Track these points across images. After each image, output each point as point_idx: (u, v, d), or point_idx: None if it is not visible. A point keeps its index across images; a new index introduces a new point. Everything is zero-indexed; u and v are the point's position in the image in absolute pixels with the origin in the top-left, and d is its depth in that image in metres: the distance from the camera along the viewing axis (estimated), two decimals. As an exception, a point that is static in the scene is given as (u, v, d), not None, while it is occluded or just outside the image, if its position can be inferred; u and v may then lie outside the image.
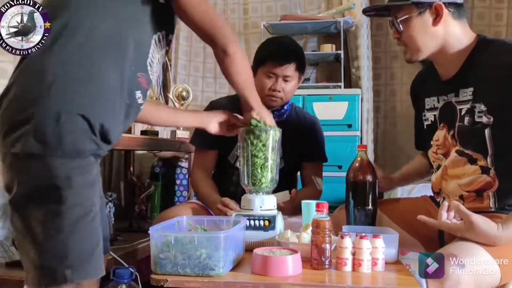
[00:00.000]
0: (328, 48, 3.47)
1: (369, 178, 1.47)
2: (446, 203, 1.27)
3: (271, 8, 3.80)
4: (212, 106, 1.98)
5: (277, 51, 1.88)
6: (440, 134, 1.47)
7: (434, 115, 1.51)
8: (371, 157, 3.36)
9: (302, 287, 1.12)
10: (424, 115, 1.56)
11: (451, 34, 1.40)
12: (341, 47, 3.39)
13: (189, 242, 1.15)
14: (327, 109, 3.16)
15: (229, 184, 1.93)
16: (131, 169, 3.20)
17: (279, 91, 1.87)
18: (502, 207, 1.36)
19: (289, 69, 1.86)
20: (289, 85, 1.89)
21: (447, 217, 1.26)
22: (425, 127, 1.57)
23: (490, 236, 1.20)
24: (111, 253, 1.83)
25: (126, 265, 1.70)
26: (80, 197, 1.08)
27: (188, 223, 1.38)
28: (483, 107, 1.34)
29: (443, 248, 1.26)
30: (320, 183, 1.99)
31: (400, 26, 1.41)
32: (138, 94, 1.23)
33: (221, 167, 1.99)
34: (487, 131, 1.34)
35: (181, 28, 3.82)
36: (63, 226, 1.06)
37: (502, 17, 3.30)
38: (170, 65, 3.78)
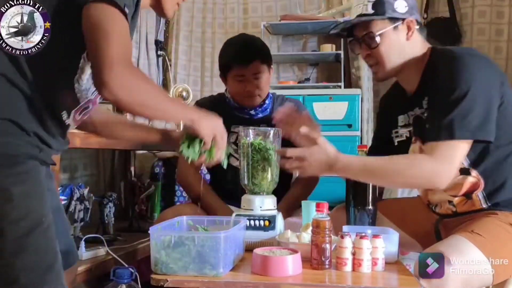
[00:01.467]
0: (328, 48, 3.47)
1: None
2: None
3: (271, 8, 3.80)
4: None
5: (237, 53, 1.86)
6: (415, 148, 1.46)
7: (409, 131, 1.50)
8: (371, 157, 3.36)
9: (302, 287, 1.12)
10: (397, 132, 1.56)
11: (416, 47, 1.44)
12: (341, 47, 3.39)
13: (189, 242, 1.15)
14: (327, 109, 3.16)
15: (227, 183, 1.92)
16: (131, 169, 3.21)
17: (254, 90, 1.86)
18: (496, 204, 1.35)
19: (255, 66, 1.84)
20: (261, 80, 1.86)
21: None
22: (396, 143, 1.56)
23: (331, 155, 1.34)
24: (111, 253, 1.83)
25: (126, 265, 1.70)
26: (23, 209, 0.99)
27: (188, 223, 1.38)
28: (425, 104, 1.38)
29: (433, 245, 1.26)
30: None
31: (377, 40, 1.41)
32: (64, 114, 1.14)
33: (217, 167, 1.98)
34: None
35: (181, 28, 3.83)
36: (5, 246, 0.95)
37: (503, 15, 3.30)
38: (170, 65, 3.79)
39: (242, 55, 1.84)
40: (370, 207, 1.47)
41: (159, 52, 3.74)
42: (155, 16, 3.75)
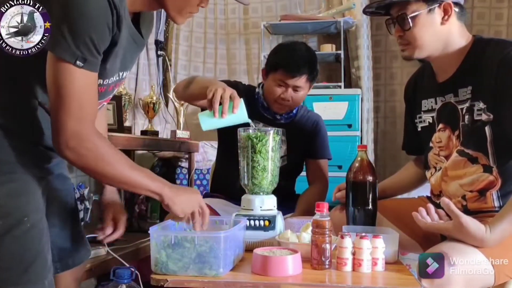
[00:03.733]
0: (328, 48, 3.47)
1: (369, 178, 1.47)
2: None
3: (271, 8, 3.81)
4: (230, 83, 1.93)
5: (289, 61, 1.84)
6: (443, 135, 1.46)
7: (432, 117, 1.50)
8: (371, 157, 3.36)
9: (302, 287, 1.12)
10: (420, 117, 1.55)
11: (453, 34, 1.40)
12: (341, 47, 3.39)
13: (189, 242, 1.15)
14: (327, 109, 3.15)
15: (235, 179, 1.89)
16: (131, 169, 3.21)
17: (288, 100, 1.87)
18: None
19: (300, 81, 1.84)
20: (299, 94, 1.88)
21: (437, 218, 1.28)
22: (419, 129, 1.56)
23: (478, 238, 1.20)
24: (111, 252, 1.82)
25: (127, 265, 1.70)
26: (4, 208, 1.00)
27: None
28: (482, 105, 1.34)
29: (436, 246, 1.26)
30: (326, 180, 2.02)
31: (410, 22, 1.38)
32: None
33: (226, 161, 1.99)
34: (487, 129, 1.34)
35: (181, 28, 3.83)
36: None
37: (502, 16, 3.30)
38: (170, 65, 3.79)
39: (294, 65, 1.83)
40: (370, 207, 1.47)
41: (159, 52, 3.75)
42: (155, 16, 3.75)
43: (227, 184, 1.95)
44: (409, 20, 1.38)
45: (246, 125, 1.47)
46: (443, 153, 1.47)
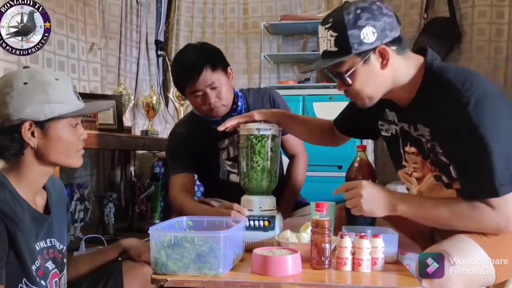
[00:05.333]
0: (328, 48, 3.47)
1: (368, 178, 1.47)
2: None
3: (271, 8, 3.81)
4: (173, 140, 1.92)
5: (182, 72, 1.74)
6: (417, 159, 1.40)
7: (396, 130, 1.44)
8: (371, 157, 3.36)
9: (301, 286, 1.12)
10: (382, 125, 1.50)
11: (398, 71, 1.30)
12: (341, 47, 3.38)
13: (189, 242, 1.15)
14: (327, 109, 3.15)
15: (227, 198, 1.83)
16: (131, 169, 3.21)
17: (216, 101, 1.74)
18: None
19: (206, 78, 1.70)
20: (220, 89, 1.74)
21: None
22: (382, 134, 1.52)
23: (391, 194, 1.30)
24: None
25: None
26: None
27: (188, 224, 1.38)
28: (438, 149, 1.30)
29: (437, 244, 1.26)
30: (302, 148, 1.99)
31: (348, 80, 1.28)
32: None
33: (214, 187, 1.96)
34: (451, 168, 1.29)
35: (181, 29, 3.83)
36: None
37: (503, 15, 3.29)
38: (170, 65, 3.79)
39: (188, 72, 1.71)
40: (370, 207, 1.47)
41: (159, 52, 3.75)
42: (155, 16, 3.75)
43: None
44: (347, 78, 1.28)
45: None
46: (416, 175, 1.43)
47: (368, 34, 1.24)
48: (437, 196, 1.37)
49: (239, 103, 1.84)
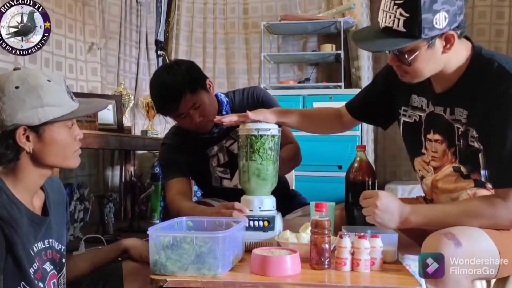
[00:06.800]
0: (328, 48, 3.47)
1: (368, 178, 1.47)
2: None
3: (271, 8, 3.81)
4: (165, 150, 1.90)
5: (163, 101, 1.73)
6: (439, 148, 1.40)
7: (420, 116, 1.44)
8: (371, 157, 3.36)
9: (301, 286, 1.12)
10: (406, 111, 1.48)
11: (454, 55, 1.29)
12: (341, 47, 3.39)
13: (188, 242, 1.15)
14: (327, 109, 3.15)
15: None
16: (131, 169, 3.21)
17: (201, 120, 1.74)
18: None
19: (188, 100, 1.69)
20: (204, 107, 1.73)
21: None
22: (401, 122, 1.50)
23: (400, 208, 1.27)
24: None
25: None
26: None
27: (188, 224, 1.38)
28: (474, 133, 1.29)
29: (446, 228, 1.23)
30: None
31: (409, 59, 1.25)
32: None
33: (211, 194, 1.95)
34: (480, 156, 1.29)
35: (181, 29, 3.83)
36: None
37: (503, 15, 3.29)
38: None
39: (168, 99, 1.69)
40: (370, 207, 1.47)
41: (159, 52, 3.75)
42: (155, 16, 3.75)
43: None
44: (408, 58, 1.25)
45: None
46: (434, 164, 1.43)
47: (441, 20, 1.19)
48: (451, 186, 1.38)
49: (224, 112, 1.83)
